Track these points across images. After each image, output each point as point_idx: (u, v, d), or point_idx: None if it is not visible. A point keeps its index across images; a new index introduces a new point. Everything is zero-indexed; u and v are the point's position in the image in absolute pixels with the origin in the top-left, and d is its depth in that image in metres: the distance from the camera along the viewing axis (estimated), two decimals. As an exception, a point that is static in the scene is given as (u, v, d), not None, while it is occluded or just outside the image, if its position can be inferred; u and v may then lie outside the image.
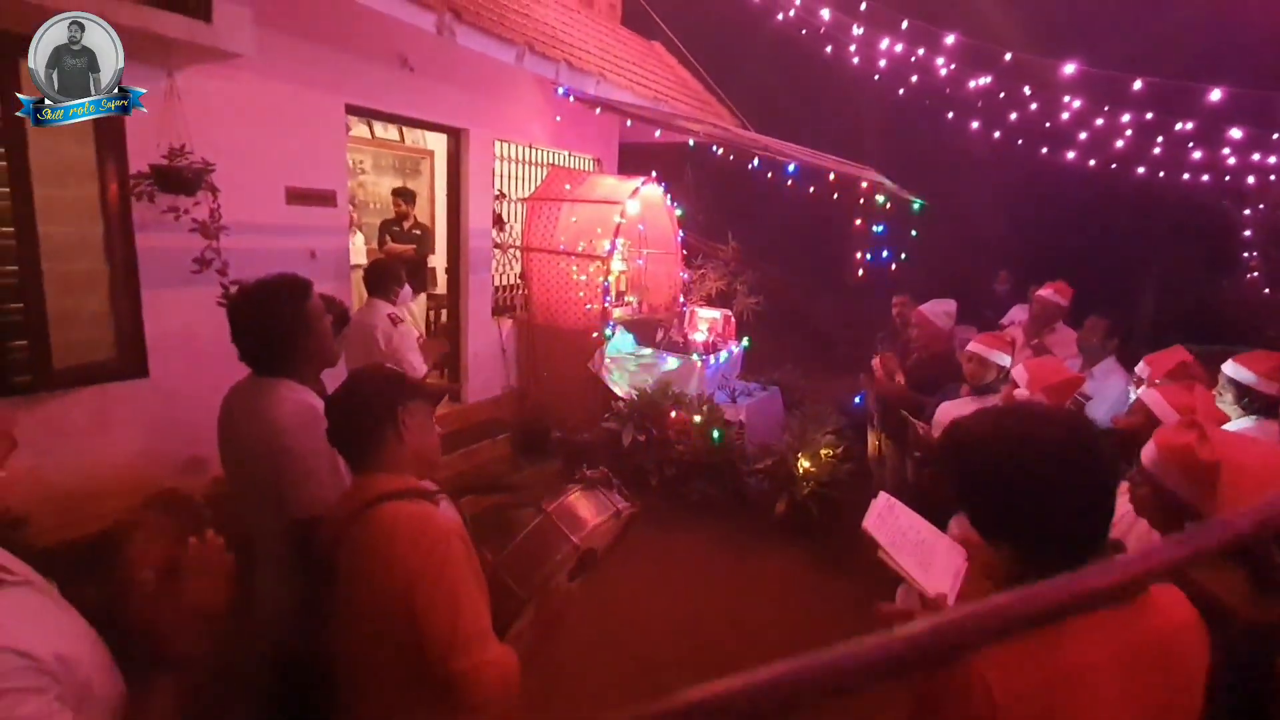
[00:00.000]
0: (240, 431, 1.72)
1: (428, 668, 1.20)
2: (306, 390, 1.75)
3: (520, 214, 6.35)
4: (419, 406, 1.50)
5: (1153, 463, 1.49)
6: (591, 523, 1.65)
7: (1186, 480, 1.40)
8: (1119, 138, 7.05)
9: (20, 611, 0.92)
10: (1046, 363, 2.61)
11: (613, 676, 3.16)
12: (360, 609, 1.29)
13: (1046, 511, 0.99)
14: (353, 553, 1.30)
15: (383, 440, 1.41)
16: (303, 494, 1.59)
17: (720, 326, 6.67)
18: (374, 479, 1.38)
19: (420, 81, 4.95)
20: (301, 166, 4.22)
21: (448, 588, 1.23)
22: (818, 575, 4.29)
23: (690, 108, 7.55)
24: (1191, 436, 1.43)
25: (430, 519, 1.31)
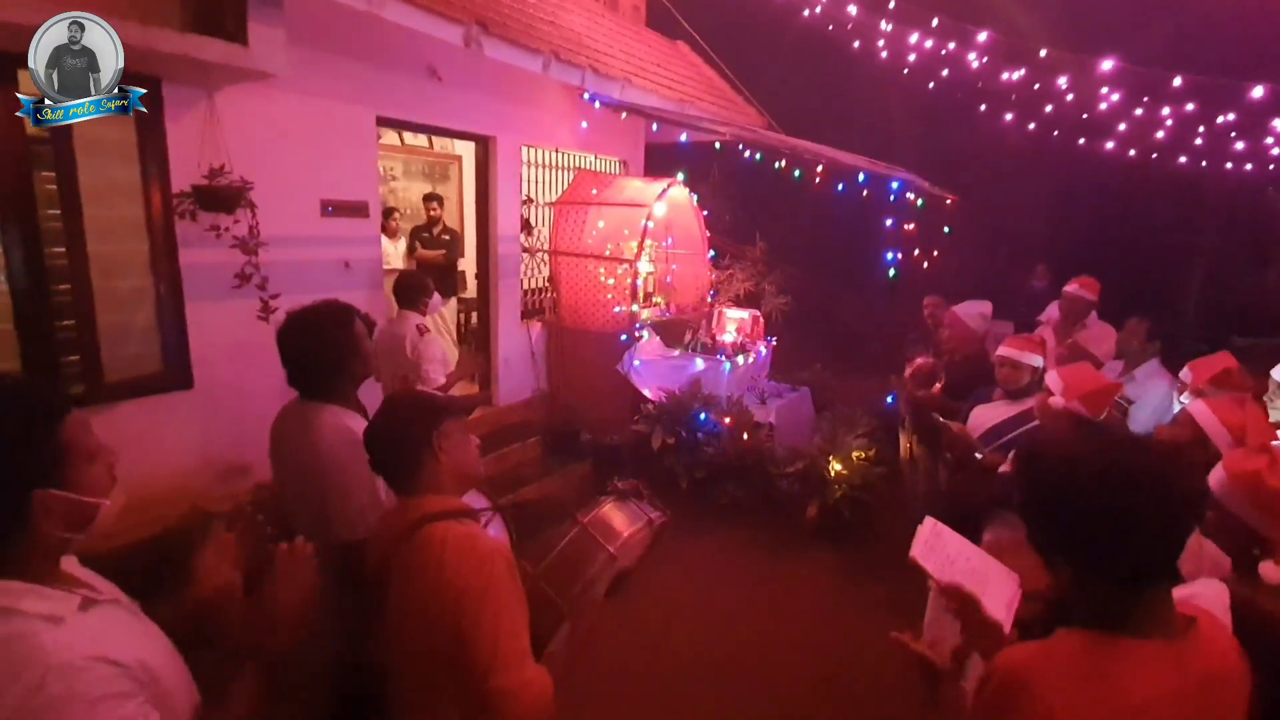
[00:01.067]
0: (287, 455, 1.79)
1: (470, 684, 1.24)
2: (349, 414, 1.81)
3: (548, 218, 6.40)
4: (452, 425, 1.53)
5: (1221, 488, 1.45)
6: (625, 533, 1.68)
7: (1254, 508, 1.37)
8: (1159, 129, 6.83)
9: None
10: (1079, 370, 2.54)
11: (644, 685, 3.18)
12: (408, 626, 1.34)
13: (1118, 541, 0.98)
14: (403, 572, 1.35)
15: (421, 464, 1.45)
16: (344, 517, 1.64)
17: (749, 327, 6.64)
18: (418, 501, 1.42)
19: (448, 91, 5.02)
20: (335, 179, 4.31)
21: (492, 607, 1.26)
22: (850, 580, 4.26)
23: (716, 107, 7.52)
24: (1261, 463, 1.39)
25: (477, 539, 1.35)
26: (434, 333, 3.77)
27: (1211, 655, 1.01)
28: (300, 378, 1.80)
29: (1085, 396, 2.42)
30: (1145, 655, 0.97)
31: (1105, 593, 1.01)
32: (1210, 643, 1.02)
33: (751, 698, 3.16)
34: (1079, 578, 1.04)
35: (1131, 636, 0.98)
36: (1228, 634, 1.09)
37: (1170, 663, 0.98)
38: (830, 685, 3.24)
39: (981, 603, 1.64)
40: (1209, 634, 1.03)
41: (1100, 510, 0.99)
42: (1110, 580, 1.01)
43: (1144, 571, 0.99)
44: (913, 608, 2.77)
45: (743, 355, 6.20)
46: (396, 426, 1.47)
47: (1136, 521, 0.97)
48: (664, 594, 3.89)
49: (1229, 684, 1.01)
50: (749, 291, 7.46)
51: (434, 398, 1.59)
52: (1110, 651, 0.98)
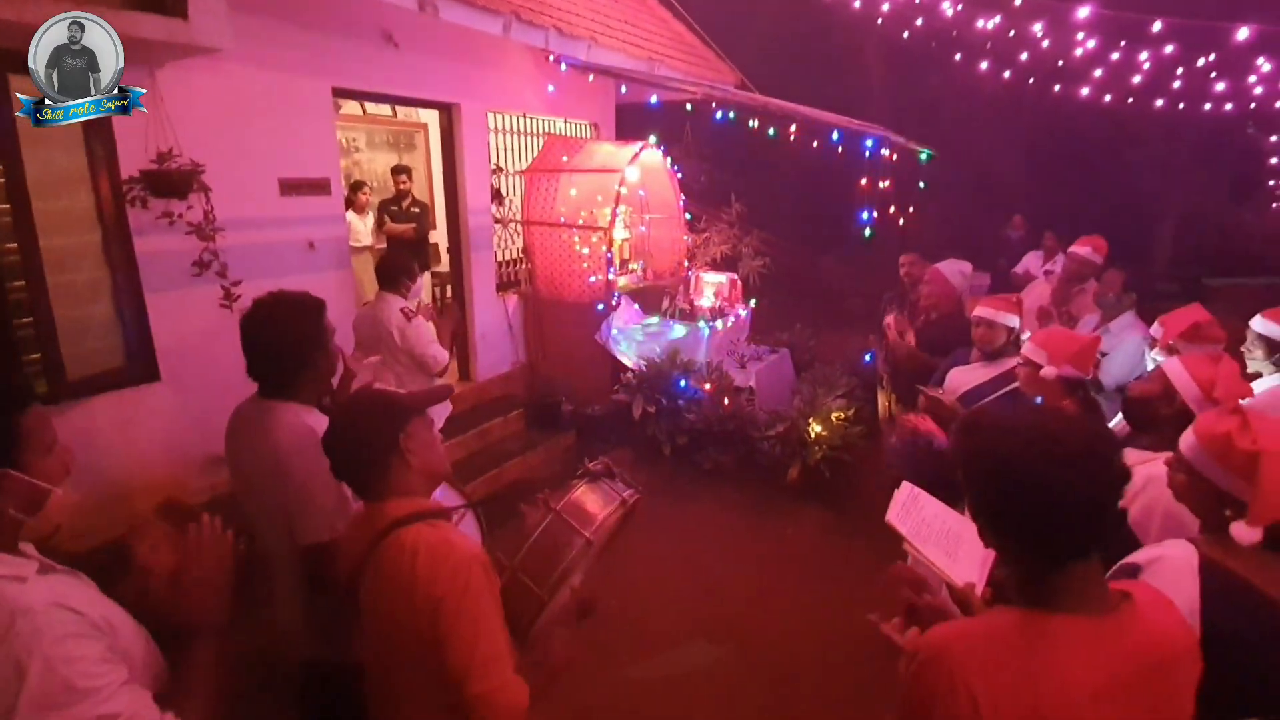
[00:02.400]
0: (244, 456, 1.74)
1: (448, 690, 1.25)
2: (309, 411, 1.75)
3: (519, 187, 6.26)
4: (419, 423, 1.49)
5: (1191, 451, 1.45)
6: (600, 515, 1.67)
7: (1225, 469, 1.37)
8: (1136, 73, 6.75)
9: (68, 587, 1.10)
10: (1056, 334, 2.54)
11: (634, 649, 3.25)
12: (383, 632, 1.33)
13: (1043, 516, 1.00)
14: (375, 580, 1.33)
15: (389, 468, 1.42)
16: (307, 519, 1.61)
17: (726, 291, 6.61)
18: (385, 506, 1.40)
19: (407, 58, 4.83)
20: (292, 156, 4.16)
21: (469, 614, 1.26)
22: (832, 538, 4.35)
23: (687, 65, 7.31)
24: (1233, 424, 1.38)
25: (451, 545, 1.33)
26: (419, 315, 3.67)
27: (1148, 631, 1.02)
28: (260, 369, 1.74)
29: (1073, 358, 2.41)
30: (1075, 631, 0.99)
31: (1032, 568, 1.03)
32: (1147, 619, 1.03)
33: (740, 657, 3.25)
34: (1009, 553, 1.06)
35: (1059, 613, 1.00)
36: (1171, 610, 1.10)
37: (1101, 639, 0.99)
38: (815, 642, 3.33)
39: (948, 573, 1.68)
40: (1146, 611, 1.04)
41: (1025, 485, 1.00)
42: (1036, 556, 1.02)
43: (1069, 547, 1.00)
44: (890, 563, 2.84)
45: (721, 319, 6.18)
46: (360, 431, 1.43)
47: (1061, 497, 0.98)
48: (650, 559, 3.95)
49: (1168, 660, 1.02)
50: (726, 255, 7.39)
51: (397, 397, 1.53)
52: (1040, 628, 0.99)
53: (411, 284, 3.76)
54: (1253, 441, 1.33)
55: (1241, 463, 1.33)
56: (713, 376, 5.46)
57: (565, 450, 5.46)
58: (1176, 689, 1.03)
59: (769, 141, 6.39)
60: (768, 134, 6.28)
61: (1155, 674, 1.00)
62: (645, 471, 5.18)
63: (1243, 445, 1.33)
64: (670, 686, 3.07)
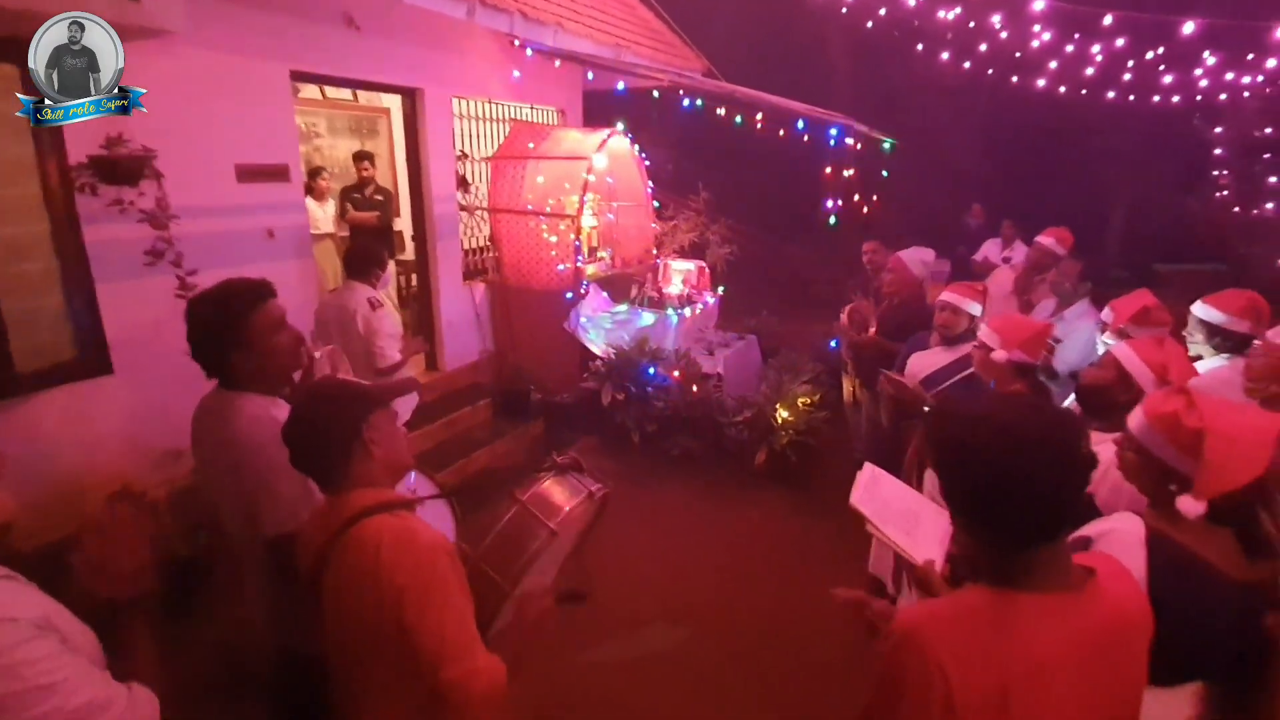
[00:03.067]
0: (206, 448, 1.72)
1: (419, 677, 1.25)
2: (273, 402, 1.73)
3: (485, 174, 6.18)
4: (381, 415, 1.48)
5: (1140, 429, 1.51)
6: (566, 507, 1.68)
7: (1173, 447, 1.42)
8: (1089, 65, 6.95)
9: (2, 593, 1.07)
10: (1009, 320, 2.62)
11: (603, 634, 3.29)
12: (348, 625, 1.33)
13: (1013, 501, 1.02)
14: (339, 572, 1.32)
15: (350, 459, 1.41)
16: (272, 510, 1.60)
17: (694, 278, 6.65)
18: (348, 497, 1.38)
19: (368, 42, 4.72)
20: (250, 142, 4.05)
21: (436, 601, 1.26)
22: (798, 520, 4.45)
23: (654, 52, 7.28)
24: (1179, 404, 1.45)
25: (415, 533, 1.32)
26: (387, 306, 3.62)
27: (1110, 604, 1.07)
28: (204, 363, 1.72)
29: (1024, 344, 2.50)
30: (1043, 609, 1.02)
31: (1003, 550, 1.06)
32: (1109, 592, 1.08)
33: (706, 638, 3.31)
34: (980, 534, 1.09)
35: (1030, 591, 1.03)
36: (1129, 580, 1.15)
37: (1067, 615, 1.03)
38: (780, 621, 3.41)
39: (909, 551, 1.74)
40: (1108, 584, 1.09)
41: (997, 470, 1.02)
42: (1006, 538, 1.05)
43: (1038, 530, 1.04)
44: (854, 544, 2.93)
45: (689, 307, 6.23)
46: (321, 422, 1.41)
47: (1030, 482, 1.01)
48: (621, 546, 3.99)
49: (1127, 630, 1.08)
50: (694, 242, 7.43)
51: (360, 388, 1.51)
52: (1008, 606, 1.03)
53: (382, 273, 3.69)
54: (1198, 419, 1.39)
55: (1188, 440, 1.39)
56: (681, 364, 5.50)
57: (534, 439, 5.46)
58: (1134, 655, 1.08)
59: (736, 130, 6.42)
60: (734, 122, 6.31)
61: (1115, 643, 1.05)
62: (614, 459, 5.21)
63: (1189, 423, 1.39)
64: (636, 668, 3.12)
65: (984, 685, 0.98)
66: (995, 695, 0.97)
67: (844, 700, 2.73)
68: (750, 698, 2.97)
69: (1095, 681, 1.03)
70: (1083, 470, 1.05)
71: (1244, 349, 2.45)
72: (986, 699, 0.97)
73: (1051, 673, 1.00)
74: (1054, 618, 1.02)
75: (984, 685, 0.98)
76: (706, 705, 2.93)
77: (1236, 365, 2.38)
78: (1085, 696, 1.02)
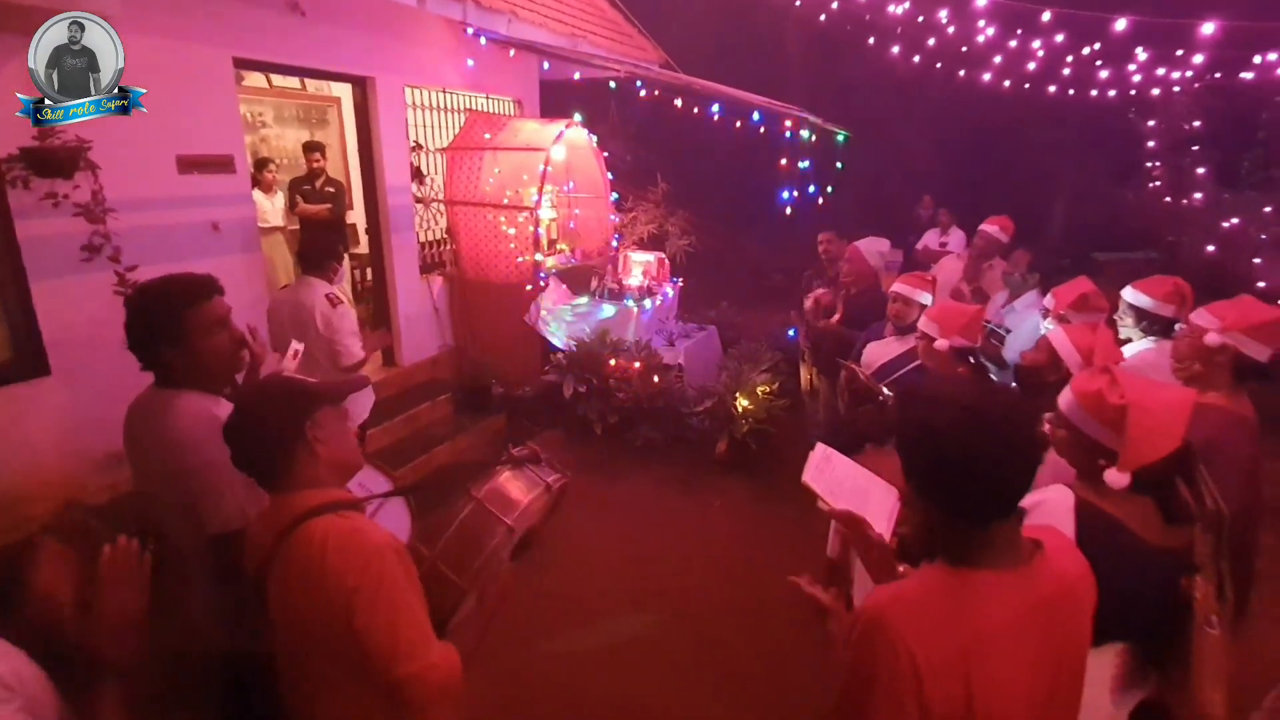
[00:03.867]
0: (142, 449, 1.66)
1: (371, 676, 1.24)
2: (211, 399, 1.68)
3: (440, 165, 6.08)
4: (328, 413, 1.44)
5: (1069, 407, 1.59)
6: (523, 502, 1.67)
7: (1099, 423, 1.51)
8: (1031, 60, 7.20)
9: None
10: (946, 309, 2.72)
11: (568, 624, 3.31)
12: (297, 629, 1.30)
13: (971, 480, 1.08)
14: (284, 574, 1.29)
15: (294, 458, 1.37)
16: (216, 510, 1.56)
17: (654, 270, 6.67)
18: (292, 498, 1.35)
19: (315, 28, 4.58)
20: (191, 132, 3.90)
21: (386, 601, 1.24)
22: (759, 506, 4.54)
23: (610, 42, 7.25)
24: (1103, 382, 1.53)
25: (361, 534, 1.30)
26: (346, 303, 3.52)
27: (1056, 575, 1.14)
28: (143, 360, 1.67)
29: (962, 329, 2.60)
30: (998, 583, 1.09)
31: (960, 529, 1.12)
32: (1055, 563, 1.15)
33: (671, 624, 3.36)
34: (938, 514, 1.14)
35: (985, 569, 1.10)
36: (1071, 549, 1.23)
37: (1019, 588, 1.10)
38: (744, 605, 3.48)
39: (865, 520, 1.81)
40: (1054, 555, 1.16)
41: (961, 449, 1.08)
42: (964, 517, 1.11)
43: (994, 508, 1.10)
44: (814, 528, 3.00)
45: (650, 298, 6.25)
46: (263, 420, 1.37)
47: (991, 460, 1.07)
48: (583, 537, 4.01)
49: (1072, 598, 1.15)
50: (653, 234, 7.45)
51: (305, 385, 1.47)
52: (965, 584, 1.09)
53: (339, 267, 3.59)
54: (1120, 396, 1.48)
55: (1112, 416, 1.48)
56: (642, 355, 5.53)
57: (496, 433, 5.43)
58: (1078, 621, 1.16)
59: (693, 122, 6.45)
60: (692, 113, 6.34)
61: (1062, 611, 1.12)
62: (577, 451, 5.22)
63: (1112, 400, 1.48)
64: (603, 657, 3.15)
65: (946, 657, 1.03)
66: (957, 664, 1.03)
67: (804, 679, 2.84)
68: (716, 681, 3.03)
69: (1044, 645, 1.10)
70: (1038, 448, 1.12)
71: (1170, 332, 2.59)
72: (949, 669, 1.03)
73: (1005, 640, 1.06)
74: (1007, 591, 1.09)
75: (946, 657, 1.03)
76: (672, 691, 2.98)
77: (1163, 347, 2.50)
78: (1036, 659, 1.09)
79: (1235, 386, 2.06)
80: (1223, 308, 2.11)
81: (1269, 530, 2.18)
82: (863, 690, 1.08)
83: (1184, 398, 1.49)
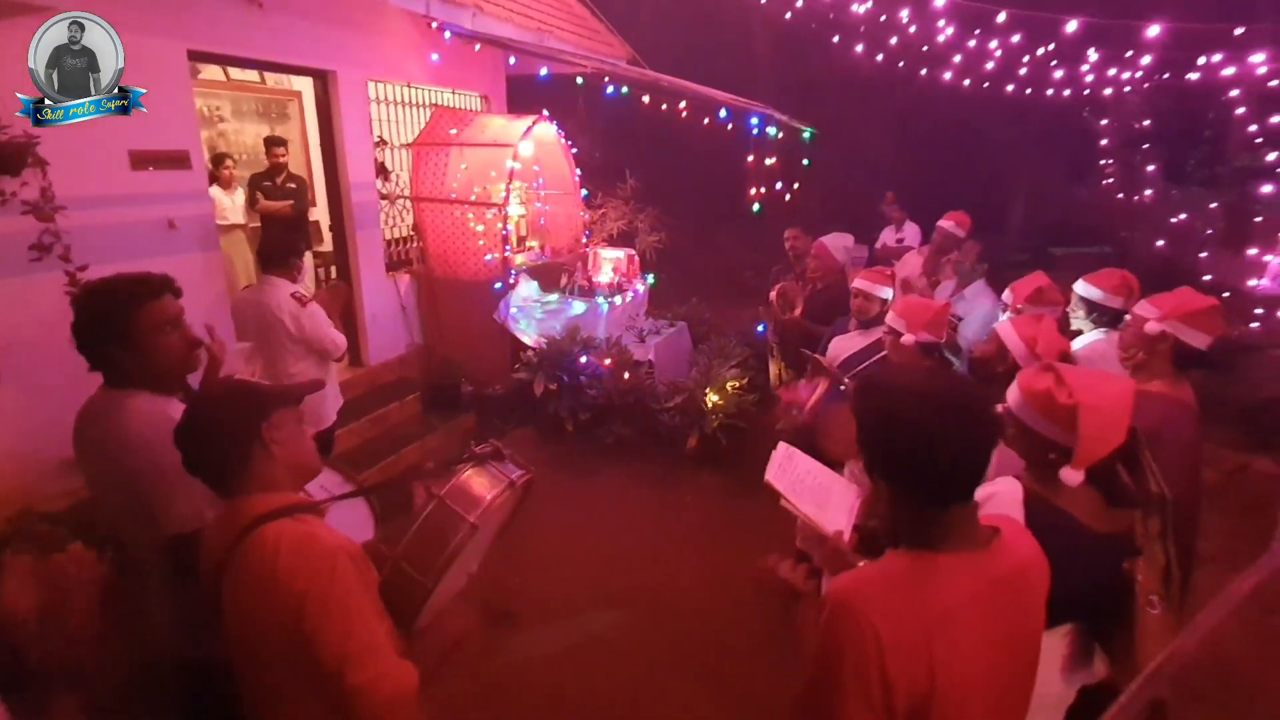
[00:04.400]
0: (93, 452, 1.63)
1: (324, 686, 1.22)
2: (167, 401, 1.65)
3: (406, 161, 5.99)
4: (285, 415, 1.42)
5: (1018, 406, 1.64)
6: (486, 498, 1.66)
7: (1049, 421, 1.55)
8: (989, 60, 7.38)
9: None
10: (912, 304, 2.79)
11: (534, 623, 3.31)
12: (250, 636, 1.28)
13: (930, 465, 1.11)
14: (237, 580, 1.28)
15: (249, 462, 1.35)
16: (172, 511, 1.53)
17: (624, 266, 6.67)
18: (246, 502, 1.33)
19: (274, 19, 4.47)
20: (144, 126, 3.76)
21: (338, 605, 1.22)
22: (730, 500, 4.58)
23: (577, 38, 7.22)
24: (1049, 381, 1.57)
25: (315, 539, 1.28)
26: (315, 302, 3.43)
27: (1013, 557, 1.19)
28: (92, 361, 1.63)
29: (928, 325, 2.67)
30: (958, 565, 1.13)
31: (920, 513, 1.16)
32: (1011, 547, 1.20)
33: (642, 619, 3.39)
34: (901, 499, 1.18)
35: (946, 552, 1.14)
36: (1025, 534, 1.28)
37: (978, 569, 1.14)
38: (715, 598, 3.52)
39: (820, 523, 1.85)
40: (1010, 540, 1.21)
41: (920, 433, 1.11)
42: (923, 501, 1.15)
43: (952, 491, 1.13)
44: (784, 520, 3.03)
45: (620, 295, 6.26)
46: (217, 422, 1.34)
47: (943, 445, 1.10)
48: (554, 535, 4.01)
49: (1028, 579, 1.20)
50: (623, 230, 7.45)
51: (260, 387, 1.46)
52: (927, 566, 1.13)
53: (301, 264, 3.51)
54: (1069, 395, 1.51)
55: (1063, 416, 1.51)
56: (613, 351, 5.54)
57: (465, 432, 5.39)
58: (1034, 602, 1.21)
59: (662, 118, 6.47)
60: (660, 110, 6.35)
61: (1018, 592, 1.17)
62: (548, 449, 5.21)
63: (1062, 400, 1.52)
64: (575, 654, 3.16)
65: (910, 636, 1.07)
66: (920, 642, 1.07)
67: (778, 671, 2.88)
68: (689, 675, 3.06)
69: (1003, 624, 1.15)
70: (993, 430, 1.15)
71: (1118, 323, 2.69)
72: (913, 647, 1.07)
73: (966, 619, 1.10)
74: (967, 573, 1.13)
75: (910, 636, 1.07)
76: (646, 686, 3.00)
77: (1112, 338, 2.60)
78: (996, 636, 1.14)
79: (1177, 375, 2.15)
80: (1162, 298, 2.20)
81: (1208, 511, 2.29)
82: (831, 670, 1.11)
83: (1126, 390, 1.55)
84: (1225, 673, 2.97)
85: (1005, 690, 1.17)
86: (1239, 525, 3.55)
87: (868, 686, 1.06)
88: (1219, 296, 2.23)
